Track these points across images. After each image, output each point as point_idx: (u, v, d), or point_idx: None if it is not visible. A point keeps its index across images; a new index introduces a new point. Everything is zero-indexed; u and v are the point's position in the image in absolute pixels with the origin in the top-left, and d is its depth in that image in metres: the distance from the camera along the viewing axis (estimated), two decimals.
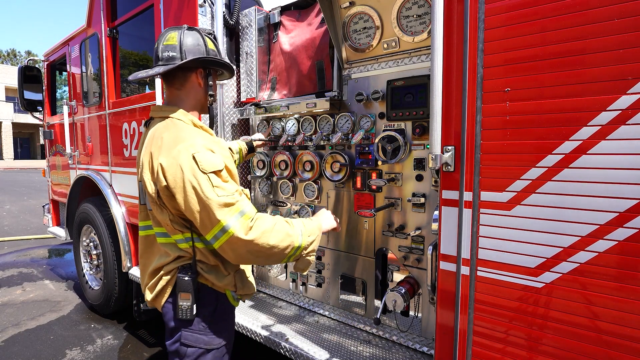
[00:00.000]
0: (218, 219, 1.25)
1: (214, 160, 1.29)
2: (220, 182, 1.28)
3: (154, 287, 1.44)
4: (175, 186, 1.26)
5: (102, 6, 3.26)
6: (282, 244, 1.34)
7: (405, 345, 1.95)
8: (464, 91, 1.20)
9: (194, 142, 1.31)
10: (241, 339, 3.12)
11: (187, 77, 1.47)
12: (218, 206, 1.25)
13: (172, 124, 1.40)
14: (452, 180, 1.26)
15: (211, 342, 1.43)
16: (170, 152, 1.29)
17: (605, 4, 0.97)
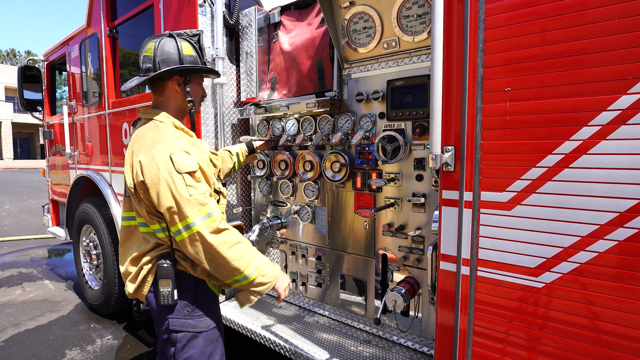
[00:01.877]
0: (186, 215, 1.34)
1: (188, 161, 1.40)
2: (193, 182, 1.39)
3: (135, 277, 1.51)
4: (151, 182, 1.36)
5: (102, 6, 3.25)
6: (234, 264, 1.40)
7: (405, 345, 1.95)
8: (464, 91, 1.20)
9: (172, 143, 1.42)
10: (241, 339, 3.12)
11: (165, 85, 1.57)
12: (188, 204, 1.35)
13: (155, 125, 1.51)
14: (452, 180, 1.26)
15: (198, 325, 1.50)
16: (149, 151, 1.39)
17: (605, 4, 0.97)
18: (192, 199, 1.36)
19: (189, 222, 1.35)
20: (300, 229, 2.40)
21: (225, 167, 2.12)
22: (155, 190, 1.35)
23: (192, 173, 1.40)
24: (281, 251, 2.52)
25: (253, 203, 2.66)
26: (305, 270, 2.39)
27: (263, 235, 2.42)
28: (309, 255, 2.36)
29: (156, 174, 1.35)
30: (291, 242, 2.45)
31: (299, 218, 2.35)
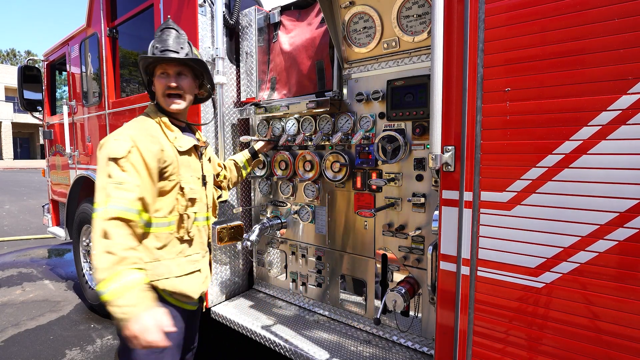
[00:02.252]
0: (95, 200, 1.34)
1: (119, 147, 1.37)
2: (113, 169, 1.35)
3: None
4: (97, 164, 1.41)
5: (101, 6, 3.25)
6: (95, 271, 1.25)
7: (405, 345, 1.95)
8: (464, 91, 1.20)
9: (125, 131, 1.44)
10: (241, 339, 3.11)
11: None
12: (99, 190, 1.34)
13: (139, 116, 1.59)
14: (452, 180, 1.26)
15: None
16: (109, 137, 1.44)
17: (605, 4, 0.97)
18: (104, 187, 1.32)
19: (95, 207, 1.32)
20: (300, 229, 2.40)
21: (233, 177, 2.16)
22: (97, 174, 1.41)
23: (116, 159, 1.35)
24: (281, 251, 2.52)
25: (253, 203, 2.66)
26: (305, 270, 2.39)
27: (263, 235, 2.42)
28: (309, 255, 2.36)
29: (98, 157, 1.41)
30: (291, 242, 2.45)
31: (299, 218, 2.35)
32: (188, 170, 1.60)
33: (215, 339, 3.19)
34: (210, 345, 3.11)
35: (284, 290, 2.56)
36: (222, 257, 2.54)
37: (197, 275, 1.63)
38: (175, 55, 1.54)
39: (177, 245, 1.56)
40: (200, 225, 1.67)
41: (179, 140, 1.58)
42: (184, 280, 1.56)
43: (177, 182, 1.54)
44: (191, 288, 1.58)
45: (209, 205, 1.74)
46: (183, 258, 1.58)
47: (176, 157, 1.54)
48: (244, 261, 2.72)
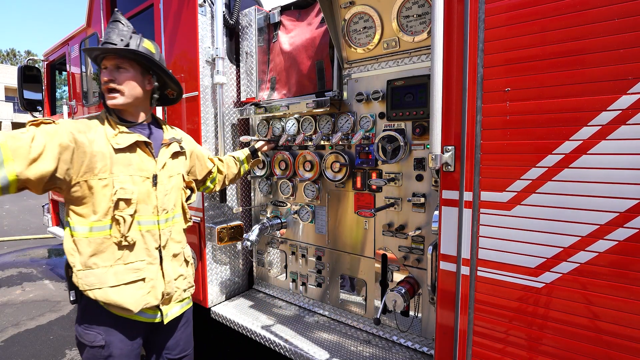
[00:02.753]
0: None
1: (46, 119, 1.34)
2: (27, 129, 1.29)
3: None
4: None
5: (101, 6, 3.25)
6: None
7: (405, 345, 1.95)
8: (464, 91, 1.20)
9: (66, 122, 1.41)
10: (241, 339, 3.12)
11: None
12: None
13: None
14: (452, 180, 1.26)
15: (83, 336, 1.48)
16: None
17: (605, 4, 0.97)
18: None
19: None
20: (300, 229, 2.40)
21: (230, 173, 2.13)
22: None
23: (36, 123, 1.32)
24: (281, 251, 2.52)
25: (253, 203, 2.66)
26: (305, 270, 2.39)
27: (263, 235, 2.42)
28: (309, 255, 2.36)
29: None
30: (291, 242, 2.45)
31: (299, 218, 2.35)
32: (126, 169, 1.47)
33: (215, 339, 3.19)
34: (210, 345, 3.11)
35: (284, 290, 2.55)
36: (222, 257, 2.54)
37: (139, 285, 1.48)
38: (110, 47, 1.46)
39: (115, 252, 1.44)
40: (145, 230, 1.51)
41: (118, 137, 1.48)
42: (120, 290, 1.43)
43: (110, 181, 1.43)
44: (127, 299, 1.44)
45: (159, 207, 1.56)
46: (122, 265, 1.45)
47: (109, 155, 1.43)
48: (244, 261, 2.72)
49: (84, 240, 1.41)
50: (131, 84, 1.52)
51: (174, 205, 1.65)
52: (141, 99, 1.59)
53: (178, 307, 1.66)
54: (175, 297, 1.62)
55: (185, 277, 1.70)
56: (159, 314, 1.57)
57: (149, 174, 1.54)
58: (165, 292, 1.56)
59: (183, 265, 1.69)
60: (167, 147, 1.65)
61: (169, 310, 1.61)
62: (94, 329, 1.46)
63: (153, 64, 1.57)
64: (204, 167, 1.95)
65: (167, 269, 1.58)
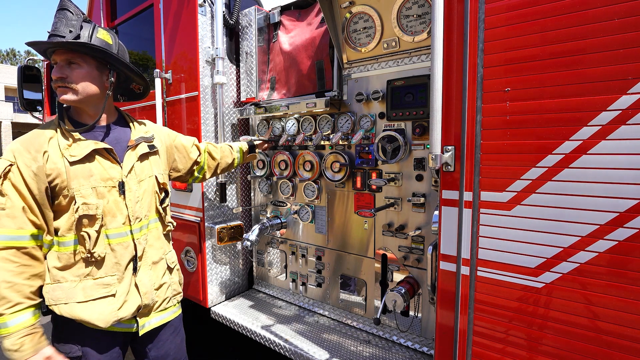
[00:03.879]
0: None
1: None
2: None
3: None
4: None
5: (101, 6, 3.25)
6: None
7: (405, 345, 1.95)
8: (464, 91, 1.20)
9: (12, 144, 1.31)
10: (241, 339, 3.12)
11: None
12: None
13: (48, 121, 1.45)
14: (452, 180, 1.26)
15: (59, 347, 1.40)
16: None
17: (605, 4, 0.97)
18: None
19: None
20: (300, 229, 2.40)
21: (223, 162, 2.04)
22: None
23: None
24: (281, 251, 2.52)
25: (253, 203, 2.66)
26: (305, 270, 2.39)
27: (263, 235, 2.42)
28: (309, 255, 2.36)
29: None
30: (291, 242, 2.45)
31: (299, 218, 2.35)
32: (87, 181, 1.35)
33: (215, 339, 3.19)
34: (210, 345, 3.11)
35: (284, 290, 2.55)
36: (222, 257, 2.54)
37: (109, 301, 1.39)
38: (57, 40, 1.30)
39: (82, 268, 1.36)
40: (116, 243, 1.41)
41: (72, 148, 1.35)
42: (88, 306, 1.35)
43: (71, 197, 1.33)
44: (96, 316, 1.35)
45: (131, 216, 1.44)
46: (91, 281, 1.37)
47: (65, 169, 1.32)
48: (244, 261, 2.72)
49: (53, 254, 1.36)
50: (85, 80, 1.37)
51: (147, 211, 1.52)
52: (99, 96, 1.43)
53: (158, 318, 1.56)
54: (155, 307, 1.53)
55: (170, 285, 1.59)
56: (134, 324, 1.49)
57: (114, 182, 1.41)
58: (143, 305, 1.46)
59: (166, 273, 1.59)
60: (134, 149, 1.50)
61: (147, 322, 1.51)
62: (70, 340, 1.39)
63: (110, 57, 1.40)
64: (187, 159, 1.82)
65: (144, 279, 1.48)
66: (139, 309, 1.46)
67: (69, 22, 1.33)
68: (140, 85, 1.63)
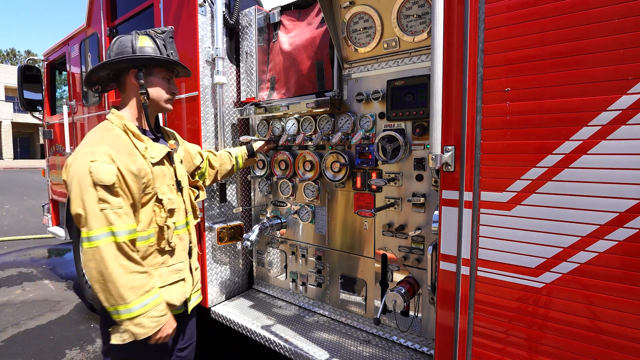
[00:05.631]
0: (91, 227, 1.30)
1: (106, 173, 1.33)
2: (106, 196, 1.33)
3: None
4: (68, 184, 1.35)
5: (102, 6, 3.25)
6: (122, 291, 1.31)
7: (405, 345, 1.96)
8: (464, 91, 1.20)
9: (99, 149, 1.36)
10: (241, 339, 3.12)
11: (124, 80, 1.56)
12: (95, 217, 1.31)
13: (103, 125, 1.50)
14: (452, 180, 1.26)
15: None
16: (78, 152, 1.37)
17: (605, 4, 0.97)
18: (101, 213, 1.31)
19: (91, 235, 1.30)
20: (300, 229, 2.40)
21: (223, 169, 2.13)
22: (69, 194, 1.33)
23: (107, 187, 1.33)
24: (281, 251, 2.52)
25: (253, 203, 2.66)
26: (305, 270, 2.39)
27: (263, 235, 2.42)
28: (309, 255, 2.36)
29: (72, 177, 1.33)
30: (291, 242, 2.45)
31: (299, 218, 2.35)
32: (163, 180, 1.56)
33: (215, 339, 3.19)
34: (210, 345, 3.11)
35: (284, 290, 2.55)
36: (222, 257, 2.54)
37: (180, 284, 1.62)
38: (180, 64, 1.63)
39: (157, 257, 1.54)
40: (182, 233, 1.65)
41: (150, 151, 1.52)
42: (164, 290, 1.53)
43: (154, 195, 1.51)
44: (173, 297, 1.57)
45: (187, 210, 1.71)
46: (165, 268, 1.56)
47: (150, 170, 1.49)
48: (244, 261, 2.72)
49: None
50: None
51: (190, 205, 1.77)
52: None
53: (195, 299, 1.77)
54: (194, 289, 1.75)
55: (197, 268, 1.81)
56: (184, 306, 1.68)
57: (173, 181, 1.63)
58: (194, 285, 1.73)
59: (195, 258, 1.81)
60: (176, 152, 1.73)
61: (191, 300, 1.73)
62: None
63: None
64: (192, 164, 1.98)
65: (193, 263, 1.76)
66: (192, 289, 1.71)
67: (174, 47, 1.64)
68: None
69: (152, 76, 1.56)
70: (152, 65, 1.55)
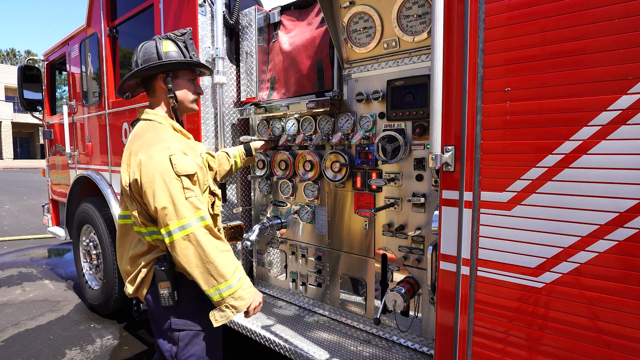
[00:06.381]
0: (183, 216, 1.36)
1: (187, 163, 1.42)
2: (190, 185, 1.41)
3: (134, 279, 1.52)
4: (147, 181, 1.36)
5: (101, 6, 3.25)
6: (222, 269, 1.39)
7: (405, 345, 1.95)
8: (464, 91, 1.20)
9: (172, 144, 1.44)
10: (241, 339, 3.12)
11: (152, 84, 1.62)
12: (184, 206, 1.37)
13: (153, 126, 1.54)
14: (452, 180, 1.26)
15: (199, 323, 1.52)
16: (148, 150, 1.40)
17: (605, 4, 0.97)
18: (188, 202, 1.38)
19: (184, 223, 1.35)
20: (300, 229, 2.40)
21: (222, 170, 2.13)
22: (151, 190, 1.36)
23: (190, 176, 1.42)
24: (281, 251, 2.52)
25: (253, 203, 2.66)
26: (305, 270, 2.39)
27: (263, 235, 2.42)
28: (309, 255, 2.36)
29: (153, 173, 1.36)
30: (291, 242, 2.45)
31: (299, 218, 2.35)
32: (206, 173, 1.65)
33: None
34: None
35: (284, 290, 2.55)
36: None
37: None
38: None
39: None
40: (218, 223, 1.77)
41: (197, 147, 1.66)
42: None
43: (208, 186, 1.62)
44: None
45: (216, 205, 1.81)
46: None
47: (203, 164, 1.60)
48: (244, 261, 2.72)
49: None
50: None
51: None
52: None
53: None
54: None
55: None
56: None
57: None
58: None
59: None
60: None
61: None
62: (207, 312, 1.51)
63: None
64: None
65: None
66: None
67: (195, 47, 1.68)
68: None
69: (178, 79, 1.62)
70: (178, 68, 1.60)
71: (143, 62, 1.55)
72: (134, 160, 1.41)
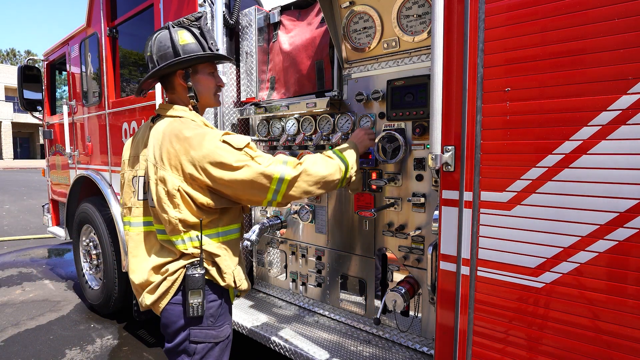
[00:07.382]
0: (272, 175, 1.37)
1: (240, 137, 1.40)
2: (255, 152, 1.40)
3: (155, 288, 1.42)
4: (220, 175, 1.33)
5: (101, 6, 3.25)
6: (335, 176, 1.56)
7: (405, 345, 1.95)
8: (464, 91, 1.20)
9: (215, 131, 1.41)
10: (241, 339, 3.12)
11: (170, 81, 1.51)
12: (266, 168, 1.37)
13: (186, 121, 1.44)
14: (452, 180, 1.26)
15: (219, 335, 1.48)
16: (202, 146, 1.33)
17: (605, 4, 0.97)
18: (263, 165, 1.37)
19: (278, 177, 1.38)
20: (300, 228, 2.40)
21: None
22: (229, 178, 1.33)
23: (249, 145, 1.39)
24: (281, 251, 2.52)
25: None
26: (305, 270, 2.39)
27: (263, 235, 2.42)
28: (309, 255, 2.36)
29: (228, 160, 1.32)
30: (291, 242, 2.45)
31: (299, 218, 2.35)
32: None
33: None
34: None
35: (284, 290, 2.55)
36: None
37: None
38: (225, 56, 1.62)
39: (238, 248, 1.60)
40: None
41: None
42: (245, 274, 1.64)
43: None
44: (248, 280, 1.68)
45: None
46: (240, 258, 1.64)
47: None
48: (244, 261, 2.72)
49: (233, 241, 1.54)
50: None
51: None
52: None
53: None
54: None
55: None
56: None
57: None
58: None
59: None
60: None
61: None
62: (227, 322, 1.54)
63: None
64: None
65: None
66: None
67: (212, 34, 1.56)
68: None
69: (198, 74, 1.50)
70: (198, 63, 1.49)
71: (159, 57, 1.43)
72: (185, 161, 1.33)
